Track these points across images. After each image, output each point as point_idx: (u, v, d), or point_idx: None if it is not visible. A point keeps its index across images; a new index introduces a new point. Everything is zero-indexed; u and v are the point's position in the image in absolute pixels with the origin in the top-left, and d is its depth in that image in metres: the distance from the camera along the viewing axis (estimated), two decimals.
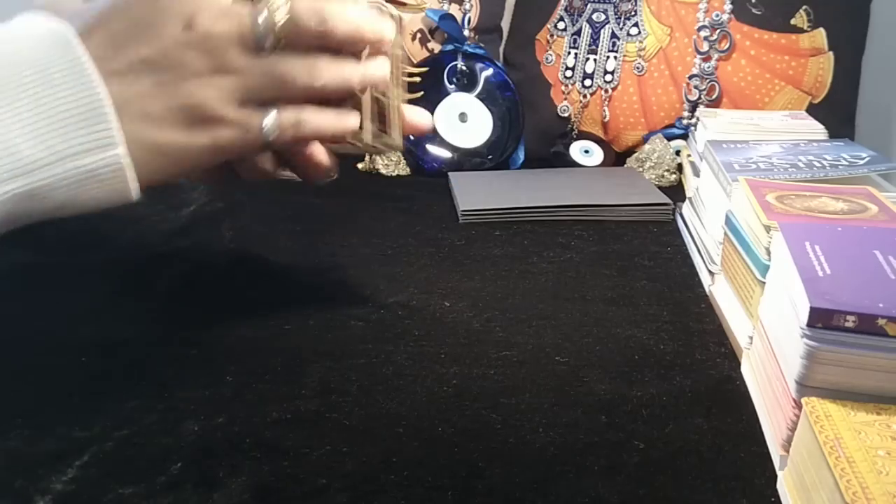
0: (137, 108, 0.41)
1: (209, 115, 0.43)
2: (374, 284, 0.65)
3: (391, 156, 1.01)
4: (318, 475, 0.41)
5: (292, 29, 0.44)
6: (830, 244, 0.47)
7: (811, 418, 0.38)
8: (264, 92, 0.44)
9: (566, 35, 1.08)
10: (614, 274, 0.68)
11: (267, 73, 0.44)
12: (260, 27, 0.43)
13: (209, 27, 0.42)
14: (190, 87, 0.42)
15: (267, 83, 0.44)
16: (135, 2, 0.42)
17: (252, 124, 0.44)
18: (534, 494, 0.40)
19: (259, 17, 0.43)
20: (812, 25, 0.99)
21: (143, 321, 0.58)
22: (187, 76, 0.42)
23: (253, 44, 0.43)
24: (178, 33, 0.41)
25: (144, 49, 0.41)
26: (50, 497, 0.39)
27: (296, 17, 0.44)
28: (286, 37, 0.44)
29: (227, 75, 0.43)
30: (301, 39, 0.45)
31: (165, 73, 0.41)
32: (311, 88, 0.45)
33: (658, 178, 0.96)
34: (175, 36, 0.41)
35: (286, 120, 0.45)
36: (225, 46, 0.42)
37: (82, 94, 0.39)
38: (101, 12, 0.42)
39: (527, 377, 0.51)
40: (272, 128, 0.45)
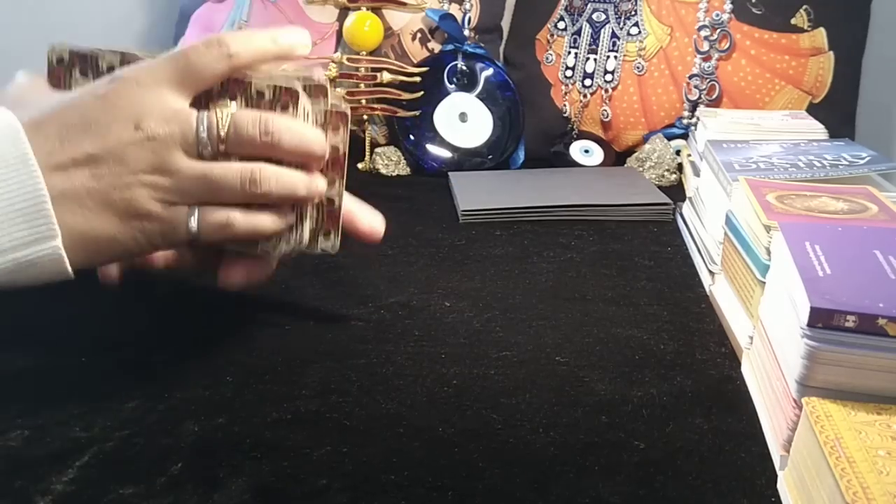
0: (75, 199, 0.44)
1: (140, 211, 0.45)
2: (374, 284, 0.65)
3: (391, 156, 1.01)
4: (318, 475, 0.41)
5: (234, 139, 0.46)
6: (830, 244, 0.47)
7: (811, 418, 0.38)
8: (197, 194, 0.46)
9: (566, 35, 1.08)
10: (614, 274, 0.68)
11: (203, 176, 0.46)
12: (202, 135, 0.45)
13: (155, 129, 0.44)
14: (126, 183, 0.44)
15: (201, 186, 0.46)
16: (91, 100, 0.45)
17: (179, 222, 0.46)
18: (534, 494, 0.40)
19: (201, 126, 0.45)
20: (812, 25, 0.99)
21: (143, 321, 0.58)
22: (125, 173, 0.44)
23: (194, 149, 0.46)
24: (124, 133, 0.44)
25: (89, 144, 0.44)
26: (50, 497, 0.39)
27: (238, 129, 0.46)
28: (228, 146, 0.46)
29: (164, 175, 0.45)
30: (243, 149, 0.46)
31: (106, 167, 0.44)
32: (250, 195, 0.47)
33: (658, 178, 0.96)
34: (121, 135, 0.44)
35: (214, 221, 0.47)
36: (167, 149, 0.45)
37: (26, 189, 0.42)
38: (56, 106, 0.45)
39: (527, 377, 0.51)
40: (196, 228, 0.46)
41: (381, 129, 1.06)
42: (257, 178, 0.46)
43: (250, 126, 0.46)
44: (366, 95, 1.01)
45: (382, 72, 1.00)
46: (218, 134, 0.46)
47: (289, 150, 0.47)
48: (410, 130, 1.02)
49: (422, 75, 1.02)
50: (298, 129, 0.47)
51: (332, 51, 1.05)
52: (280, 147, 0.47)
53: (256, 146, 0.46)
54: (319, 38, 1.06)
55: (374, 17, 1.00)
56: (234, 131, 0.46)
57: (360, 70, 1.00)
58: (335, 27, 1.05)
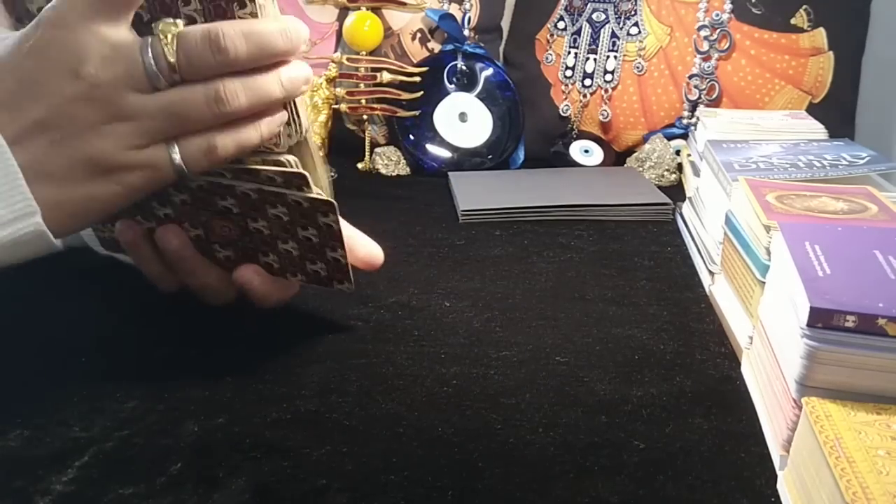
0: (39, 170, 0.40)
1: (111, 165, 0.42)
2: (374, 284, 0.65)
3: (391, 156, 1.01)
4: (318, 475, 0.41)
5: (187, 64, 0.42)
6: (830, 244, 0.47)
7: (811, 418, 0.38)
8: (166, 129, 0.43)
9: (566, 35, 1.08)
10: (614, 274, 0.68)
11: (165, 109, 0.42)
12: (150, 68, 0.41)
13: (96, 75, 0.40)
14: (85, 141, 0.41)
15: (168, 120, 0.42)
16: (22, 57, 0.40)
17: (159, 163, 0.43)
18: (534, 494, 0.40)
19: (147, 58, 0.41)
20: (812, 25, 0.99)
21: (143, 321, 0.58)
22: (81, 130, 0.41)
23: (146, 85, 0.41)
24: (65, 87, 0.40)
25: (35, 109, 0.40)
26: (50, 497, 0.39)
27: (188, 51, 0.41)
28: (183, 73, 0.42)
29: (124, 121, 0.41)
30: (200, 70, 0.42)
31: (58, 130, 0.41)
32: (222, 115, 0.43)
33: (658, 178, 0.96)
34: (63, 91, 0.40)
35: (196, 149, 0.43)
36: (116, 93, 0.41)
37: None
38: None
39: (527, 377, 0.51)
40: (181, 161, 0.43)
41: (380, 129, 1.06)
42: (223, 96, 0.42)
43: (201, 45, 0.41)
44: (366, 95, 1.01)
45: (382, 72, 1.00)
46: (167, 61, 0.41)
47: (250, 59, 0.42)
48: (410, 130, 1.02)
49: (422, 75, 1.02)
50: (256, 30, 0.42)
51: (332, 51, 1.05)
52: (239, 60, 0.42)
53: (213, 66, 0.42)
54: (319, 38, 1.06)
55: (374, 17, 1.00)
56: (183, 56, 0.41)
57: (359, 70, 1.00)
58: (335, 27, 1.05)
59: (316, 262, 0.52)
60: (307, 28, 0.46)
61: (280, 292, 0.54)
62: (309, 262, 0.52)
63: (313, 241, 0.51)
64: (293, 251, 0.52)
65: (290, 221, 0.50)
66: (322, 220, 0.49)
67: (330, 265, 0.52)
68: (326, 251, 0.51)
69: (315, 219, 0.49)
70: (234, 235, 0.52)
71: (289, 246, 0.51)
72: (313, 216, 0.49)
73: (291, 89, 0.45)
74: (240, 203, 0.50)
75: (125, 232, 0.52)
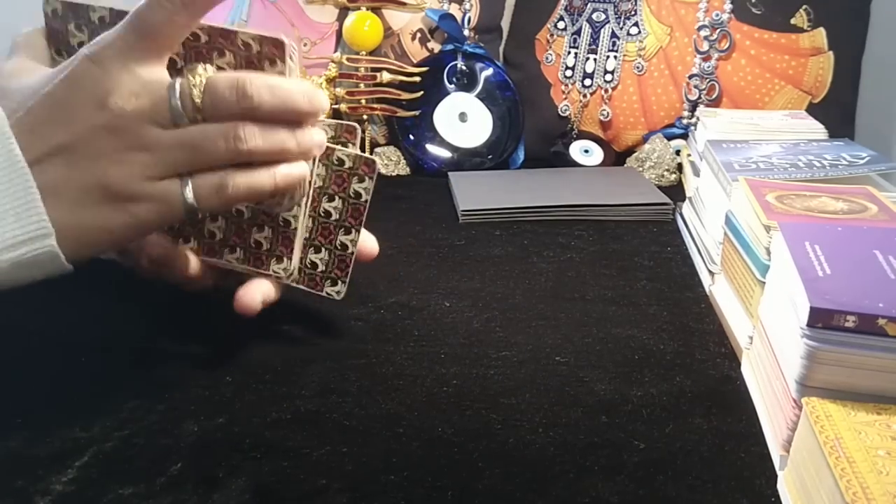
0: (54, 193, 0.42)
1: (124, 193, 0.43)
2: (374, 284, 0.65)
3: (391, 156, 1.01)
4: (318, 475, 0.41)
5: (210, 106, 0.43)
6: (830, 244, 0.47)
7: (811, 418, 0.38)
8: (182, 163, 0.44)
9: (566, 35, 1.08)
10: (614, 274, 0.68)
11: (183, 143, 0.43)
12: (175, 105, 0.43)
13: (122, 106, 0.42)
14: (102, 167, 0.42)
15: (184, 154, 0.43)
16: (55, 84, 0.42)
17: (171, 196, 0.44)
18: (534, 494, 0.40)
19: (173, 95, 0.43)
20: (812, 25, 0.99)
21: (143, 321, 0.58)
22: (99, 157, 0.42)
23: (168, 120, 0.43)
24: (91, 115, 0.42)
25: (60, 134, 0.42)
26: (50, 497, 0.39)
27: (214, 94, 0.43)
28: (205, 114, 0.43)
29: (141, 152, 0.42)
30: (222, 113, 0.44)
31: (78, 155, 0.42)
32: (237, 152, 0.44)
33: (658, 178, 0.96)
34: (88, 118, 0.42)
35: (209, 185, 0.44)
36: (138, 124, 0.42)
37: (16, 187, 0.41)
38: (27, 93, 0.43)
39: (527, 377, 0.51)
40: (193, 197, 0.44)
41: (380, 129, 1.06)
42: (241, 134, 0.43)
43: (227, 90, 0.43)
44: (365, 95, 1.01)
45: (382, 72, 1.00)
46: (192, 102, 0.43)
47: (271, 111, 0.44)
48: (410, 130, 1.02)
49: (421, 75, 1.02)
50: (281, 86, 0.44)
51: (332, 51, 1.04)
52: (261, 109, 0.44)
53: (235, 112, 0.43)
54: (319, 38, 1.06)
55: (374, 17, 1.00)
56: (209, 98, 0.43)
57: (359, 70, 1.00)
58: (335, 27, 1.05)
59: (321, 248, 0.51)
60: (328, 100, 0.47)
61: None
62: (313, 250, 0.52)
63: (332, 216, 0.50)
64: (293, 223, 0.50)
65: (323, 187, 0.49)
66: (355, 187, 0.49)
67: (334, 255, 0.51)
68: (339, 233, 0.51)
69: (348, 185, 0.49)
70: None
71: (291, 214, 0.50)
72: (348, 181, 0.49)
73: (306, 149, 0.46)
74: None
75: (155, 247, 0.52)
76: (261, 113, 0.44)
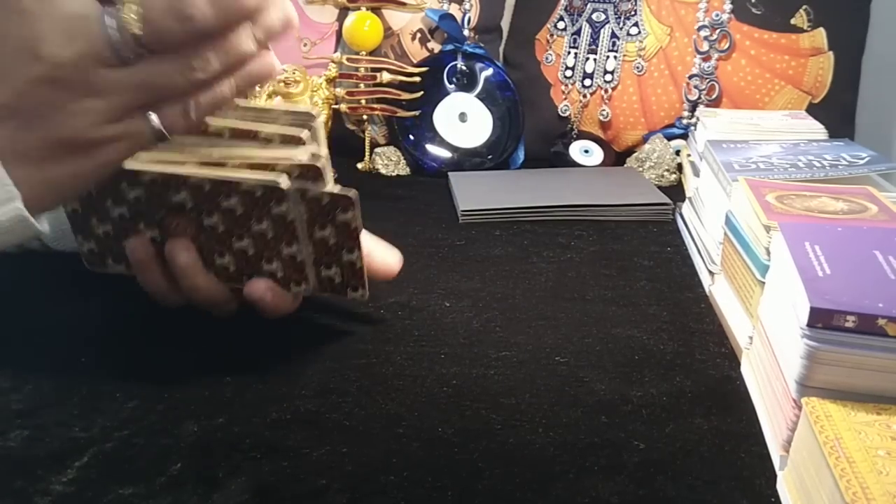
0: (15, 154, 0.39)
1: (87, 141, 0.40)
2: (374, 284, 0.64)
3: (391, 156, 1.01)
4: (318, 475, 0.41)
5: (153, 37, 0.39)
6: (830, 244, 0.47)
7: (811, 418, 0.38)
8: (141, 102, 0.41)
9: (566, 35, 1.08)
10: (614, 274, 0.68)
11: (138, 85, 0.40)
12: (115, 41, 0.39)
13: (57, 55, 0.38)
14: (56, 122, 0.39)
15: (142, 94, 0.40)
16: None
17: (137, 133, 0.41)
18: (534, 494, 0.40)
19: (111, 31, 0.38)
20: (812, 25, 0.99)
21: (143, 321, 0.58)
22: (49, 112, 0.39)
23: (112, 59, 0.39)
24: (27, 70, 0.38)
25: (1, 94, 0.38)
26: (49, 498, 0.39)
27: (153, 24, 0.39)
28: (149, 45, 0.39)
29: (94, 98, 0.39)
30: (167, 41, 0.40)
31: (27, 114, 0.39)
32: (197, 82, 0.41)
33: (658, 178, 0.96)
34: (25, 73, 0.38)
35: (173, 114, 0.42)
36: (81, 71, 0.39)
37: None
38: None
39: (527, 377, 0.51)
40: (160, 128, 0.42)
41: (380, 129, 1.06)
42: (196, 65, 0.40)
43: (165, 17, 0.39)
44: (365, 95, 1.01)
45: (382, 72, 1.00)
46: (132, 34, 0.38)
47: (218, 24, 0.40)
48: (410, 130, 1.02)
49: (421, 75, 1.02)
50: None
51: (332, 51, 1.04)
52: (207, 26, 0.40)
53: (180, 35, 0.39)
54: (319, 38, 1.06)
55: (374, 17, 1.00)
56: (149, 30, 0.39)
57: (359, 70, 1.00)
58: (335, 27, 1.05)
59: (332, 265, 0.52)
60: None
61: (290, 304, 0.54)
62: (324, 267, 0.52)
63: (329, 242, 0.50)
64: (298, 256, 0.51)
65: (309, 220, 0.49)
66: (340, 218, 0.49)
67: (345, 269, 0.52)
68: (343, 253, 0.51)
69: (333, 216, 0.49)
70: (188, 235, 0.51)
71: (293, 250, 0.51)
72: (331, 213, 0.48)
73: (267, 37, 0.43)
74: (243, 202, 0.49)
75: (137, 250, 0.51)
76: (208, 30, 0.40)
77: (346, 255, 0.51)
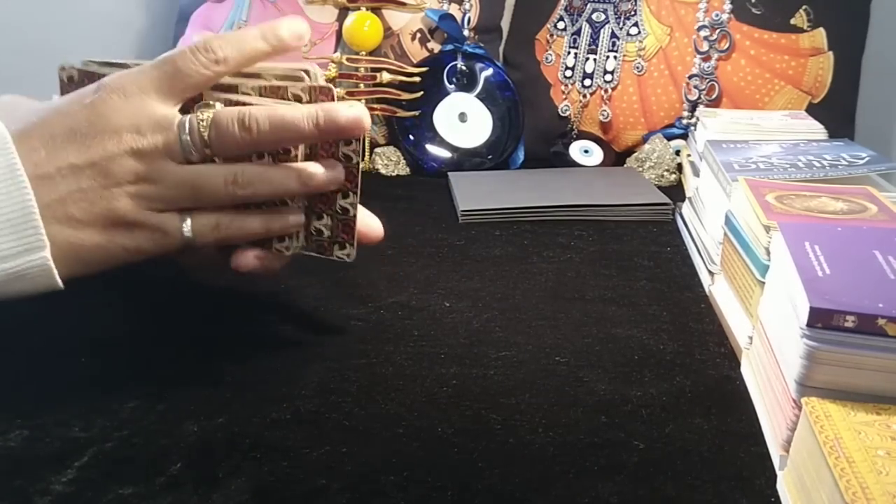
0: (61, 210, 0.44)
1: (127, 220, 0.45)
2: (374, 284, 0.65)
3: (391, 156, 1.01)
4: (318, 475, 0.41)
5: (217, 140, 0.45)
6: (830, 244, 0.47)
7: (811, 418, 0.38)
8: (183, 199, 0.46)
9: (566, 35, 1.08)
10: (614, 274, 0.68)
11: (188, 181, 0.46)
12: (185, 140, 0.45)
13: (138, 140, 0.45)
14: (111, 195, 0.45)
15: (186, 191, 0.46)
16: (77, 109, 0.45)
17: (170, 229, 0.46)
18: (534, 494, 0.40)
19: (184, 131, 0.45)
20: (812, 25, 0.99)
21: (142, 321, 0.58)
22: (109, 184, 0.44)
23: (179, 156, 0.46)
24: (108, 144, 0.44)
25: (74, 155, 0.44)
26: (49, 498, 0.39)
27: (219, 128, 0.45)
28: (213, 148, 0.46)
29: (149, 184, 0.45)
30: (227, 149, 0.46)
31: (90, 178, 0.44)
32: (234, 197, 0.47)
33: (658, 178, 0.96)
34: (105, 146, 0.44)
35: (205, 224, 0.47)
36: (151, 159, 0.45)
37: (14, 200, 0.42)
38: (45, 115, 0.45)
39: (527, 377, 0.51)
40: (191, 232, 0.47)
41: (380, 129, 1.06)
42: (240, 179, 0.46)
43: (229, 123, 0.45)
44: (365, 95, 1.01)
45: (382, 72, 1.00)
46: (201, 137, 0.45)
47: (271, 138, 0.46)
48: (410, 130, 1.02)
49: (421, 75, 1.02)
50: (276, 112, 0.46)
51: (332, 51, 1.05)
52: (262, 138, 0.46)
53: (239, 143, 0.46)
54: (319, 38, 1.06)
55: (374, 17, 1.00)
56: (214, 132, 0.45)
57: (359, 70, 1.00)
58: (335, 27, 1.05)
59: (323, 215, 0.51)
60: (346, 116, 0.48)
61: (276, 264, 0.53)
62: (315, 218, 0.52)
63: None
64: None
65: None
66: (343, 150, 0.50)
67: (336, 219, 0.51)
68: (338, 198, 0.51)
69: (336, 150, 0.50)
70: None
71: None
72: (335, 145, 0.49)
73: (310, 185, 0.48)
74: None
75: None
76: (262, 142, 0.46)
77: (341, 201, 0.51)
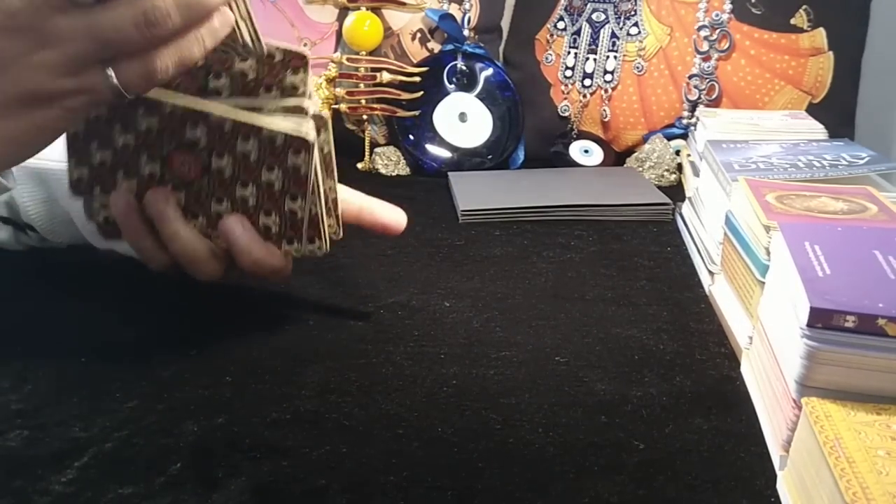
0: None
1: (47, 94, 0.40)
2: (374, 284, 0.65)
3: (391, 156, 1.01)
4: (318, 475, 0.41)
5: None
6: (830, 244, 0.47)
7: (811, 418, 0.38)
8: (97, 54, 0.40)
9: (566, 35, 1.08)
10: (614, 274, 0.68)
11: (92, 34, 0.39)
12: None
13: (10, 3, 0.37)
14: (14, 75, 0.39)
15: (96, 45, 0.39)
16: None
17: (96, 87, 0.40)
18: (534, 494, 0.40)
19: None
20: (812, 25, 0.99)
21: (143, 321, 0.58)
22: (7, 65, 0.39)
23: (65, 3, 0.38)
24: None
25: None
26: (49, 498, 0.39)
27: None
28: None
29: (50, 49, 0.39)
30: None
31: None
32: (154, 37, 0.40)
33: (658, 178, 0.96)
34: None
35: (133, 73, 0.40)
36: (35, 18, 0.38)
37: None
38: None
39: (527, 377, 0.51)
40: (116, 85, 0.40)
41: (380, 129, 1.06)
42: (152, 18, 0.39)
43: None
44: (365, 95, 1.01)
45: (382, 72, 1.00)
46: None
47: None
48: (410, 130, 1.02)
49: (421, 75, 1.02)
50: None
51: (332, 51, 1.04)
52: None
53: None
54: (319, 38, 1.06)
55: (374, 17, 1.00)
56: None
57: (359, 70, 1.00)
58: (335, 27, 1.05)
59: (271, 213, 0.50)
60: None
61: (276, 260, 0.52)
62: (263, 214, 0.51)
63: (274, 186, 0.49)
64: (249, 198, 0.50)
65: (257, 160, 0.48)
66: (291, 161, 0.48)
67: (284, 219, 0.50)
68: (285, 200, 0.49)
69: (284, 158, 0.48)
70: (192, 175, 0.50)
71: (247, 192, 0.50)
72: (283, 154, 0.47)
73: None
74: (210, 134, 0.49)
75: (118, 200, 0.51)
76: None
77: (287, 204, 0.50)
